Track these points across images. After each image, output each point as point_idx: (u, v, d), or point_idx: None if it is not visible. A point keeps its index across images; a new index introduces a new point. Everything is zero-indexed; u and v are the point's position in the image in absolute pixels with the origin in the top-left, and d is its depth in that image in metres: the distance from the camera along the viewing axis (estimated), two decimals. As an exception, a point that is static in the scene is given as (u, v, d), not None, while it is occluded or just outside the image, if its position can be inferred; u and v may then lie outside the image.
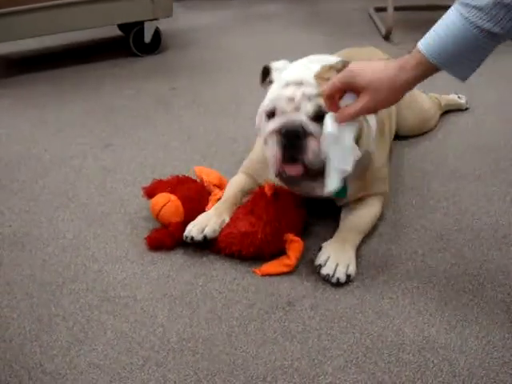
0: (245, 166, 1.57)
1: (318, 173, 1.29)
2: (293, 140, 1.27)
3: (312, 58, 1.45)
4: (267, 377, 1.08)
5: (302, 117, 1.29)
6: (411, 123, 1.89)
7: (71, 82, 2.54)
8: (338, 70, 1.29)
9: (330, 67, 1.34)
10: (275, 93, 1.34)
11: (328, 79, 1.28)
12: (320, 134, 1.27)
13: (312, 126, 1.28)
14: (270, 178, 1.44)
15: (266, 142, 1.35)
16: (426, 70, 1.14)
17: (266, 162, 1.46)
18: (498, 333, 1.16)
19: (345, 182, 1.31)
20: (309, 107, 1.29)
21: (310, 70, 1.34)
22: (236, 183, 1.53)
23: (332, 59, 1.42)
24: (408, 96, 1.83)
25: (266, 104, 1.36)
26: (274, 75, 1.41)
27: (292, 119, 1.29)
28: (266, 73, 1.44)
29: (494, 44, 1.08)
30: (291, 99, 1.30)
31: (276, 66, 1.42)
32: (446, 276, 1.32)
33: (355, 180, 1.41)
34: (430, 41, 1.10)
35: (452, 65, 1.13)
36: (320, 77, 1.31)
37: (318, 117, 1.28)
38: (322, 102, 1.28)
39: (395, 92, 1.17)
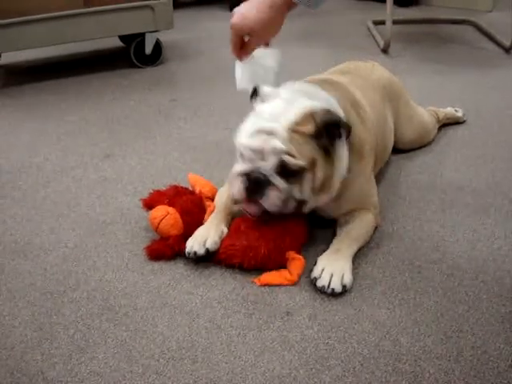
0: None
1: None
2: (254, 186, 1.33)
3: (302, 87, 1.46)
4: (266, 385, 1.09)
5: (267, 167, 1.33)
6: (411, 137, 1.91)
7: (73, 92, 2.56)
8: (317, 123, 1.33)
9: (311, 115, 1.34)
10: (243, 140, 1.37)
11: (302, 133, 1.32)
12: (281, 188, 1.32)
13: (274, 178, 1.33)
14: None
15: (230, 180, 1.40)
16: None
17: None
18: (493, 343, 1.17)
19: None
20: (274, 160, 1.32)
21: (287, 113, 1.34)
22: (224, 193, 1.54)
23: (320, 96, 1.43)
24: (408, 110, 1.88)
25: (237, 143, 1.40)
26: (258, 101, 1.44)
27: (257, 167, 1.34)
28: (254, 93, 1.47)
29: None
30: (259, 150, 1.33)
31: (264, 92, 1.43)
32: (442, 287, 1.33)
33: (337, 199, 1.44)
34: None
35: None
36: (294, 130, 1.32)
37: (282, 172, 1.32)
38: (288, 158, 1.31)
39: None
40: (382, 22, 3.05)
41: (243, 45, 1.54)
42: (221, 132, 2.13)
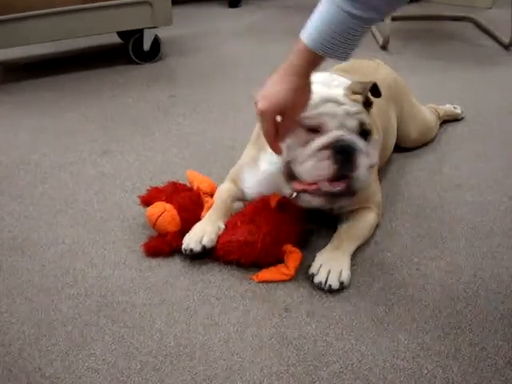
0: (232, 174, 1.58)
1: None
2: (347, 156, 1.28)
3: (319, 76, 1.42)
4: (263, 382, 1.09)
5: (351, 133, 1.31)
6: (415, 136, 1.91)
7: (71, 89, 2.55)
8: (361, 92, 1.35)
9: (351, 88, 1.36)
10: (314, 109, 1.32)
11: (356, 100, 1.34)
12: (366, 151, 1.30)
13: (360, 143, 1.31)
14: (258, 188, 1.47)
15: (306, 158, 1.31)
16: (310, 58, 1.22)
17: (255, 172, 1.48)
18: (491, 340, 1.17)
19: None
20: (353, 124, 1.31)
21: (335, 87, 1.36)
22: (225, 190, 1.54)
23: (341, 80, 1.43)
24: (412, 110, 1.87)
25: (306, 119, 1.33)
26: None
27: (343, 136, 1.30)
28: None
29: (361, 25, 1.15)
30: (334, 116, 1.31)
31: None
32: (441, 284, 1.33)
33: None
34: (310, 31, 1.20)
35: (330, 48, 1.18)
36: (349, 95, 1.34)
37: (362, 133, 1.32)
38: (363, 118, 1.32)
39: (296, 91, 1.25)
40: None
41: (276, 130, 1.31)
42: (220, 128, 2.12)
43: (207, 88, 2.52)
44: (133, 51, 2.80)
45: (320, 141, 1.31)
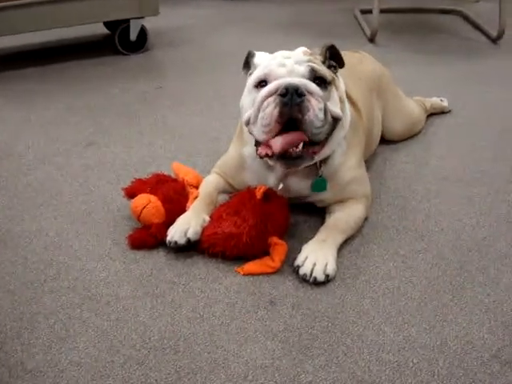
0: (218, 167, 1.56)
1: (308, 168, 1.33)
2: (293, 97, 1.23)
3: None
4: (248, 375, 1.08)
5: (299, 76, 1.29)
6: (400, 129, 1.90)
7: (56, 80, 2.52)
8: (320, 51, 1.37)
9: (311, 51, 1.38)
10: (265, 68, 1.32)
11: (314, 56, 1.35)
12: (319, 95, 1.27)
13: (310, 84, 1.27)
14: (244, 180, 1.46)
15: (255, 114, 1.29)
16: None
17: (239, 165, 1.46)
18: (477, 333, 1.17)
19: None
20: (302, 69, 1.30)
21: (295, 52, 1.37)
22: (210, 183, 1.52)
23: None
24: (397, 102, 1.87)
25: (255, 76, 1.34)
26: (256, 60, 1.40)
27: (288, 80, 1.27)
28: (248, 59, 1.43)
29: None
30: (282, 65, 1.30)
31: (259, 54, 1.42)
32: (427, 276, 1.33)
33: (331, 180, 1.43)
34: None
35: None
36: (306, 52, 1.35)
37: (317, 80, 1.29)
38: (315, 66, 1.30)
39: None
40: (370, 11, 3.03)
41: None
42: (206, 120, 2.11)
43: (194, 80, 2.51)
44: (119, 42, 2.78)
45: (264, 90, 1.28)
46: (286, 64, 1.30)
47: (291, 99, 1.23)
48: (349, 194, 1.47)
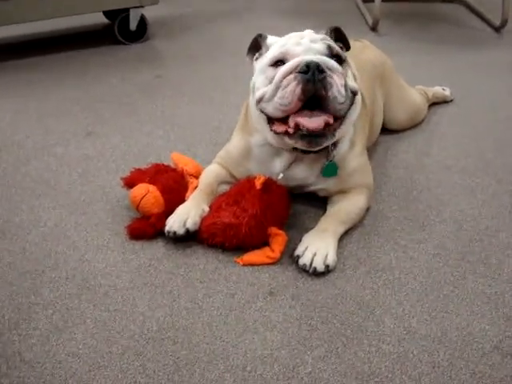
0: (220, 157, 1.54)
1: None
2: (315, 74, 1.21)
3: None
4: (247, 366, 1.07)
5: (318, 53, 1.27)
6: (402, 118, 1.89)
7: (55, 70, 2.51)
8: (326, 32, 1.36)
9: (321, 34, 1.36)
10: (281, 46, 1.31)
11: (324, 37, 1.32)
12: (339, 71, 1.25)
13: (329, 61, 1.26)
14: (249, 169, 1.45)
15: (272, 92, 1.26)
16: None
17: (244, 154, 1.45)
18: (478, 324, 1.16)
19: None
20: (319, 47, 1.28)
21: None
22: (211, 173, 1.51)
23: None
24: (399, 91, 1.85)
25: (271, 56, 1.31)
26: (270, 41, 1.38)
27: (308, 56, 1.25)
28: (256, 44, 1.41)
29: None
30: (298, 44, 1.29)
31: (271, 37, 1.40)
32: (428, 267, 1.32)
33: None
34: None
35: None
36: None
37: (331, 56, 1.28)
38: (331, 43, 1.30)
39: None
40: (372, 0, 3.01)
41: None
42: (206, 110, 2.09)
43: (194, 69, 2.49)
44: (119, 31, 2.77)
45: (283, 68, 1.26)
46: (302, 43, 1.29)
47: (314, 76, 1.21)
48: (353, 183, 1.46)
